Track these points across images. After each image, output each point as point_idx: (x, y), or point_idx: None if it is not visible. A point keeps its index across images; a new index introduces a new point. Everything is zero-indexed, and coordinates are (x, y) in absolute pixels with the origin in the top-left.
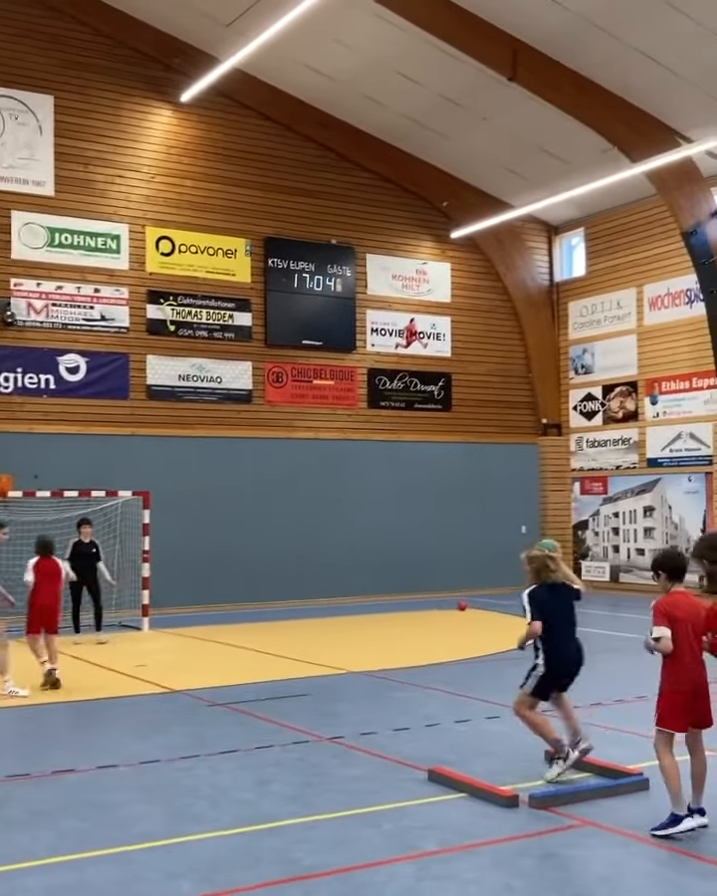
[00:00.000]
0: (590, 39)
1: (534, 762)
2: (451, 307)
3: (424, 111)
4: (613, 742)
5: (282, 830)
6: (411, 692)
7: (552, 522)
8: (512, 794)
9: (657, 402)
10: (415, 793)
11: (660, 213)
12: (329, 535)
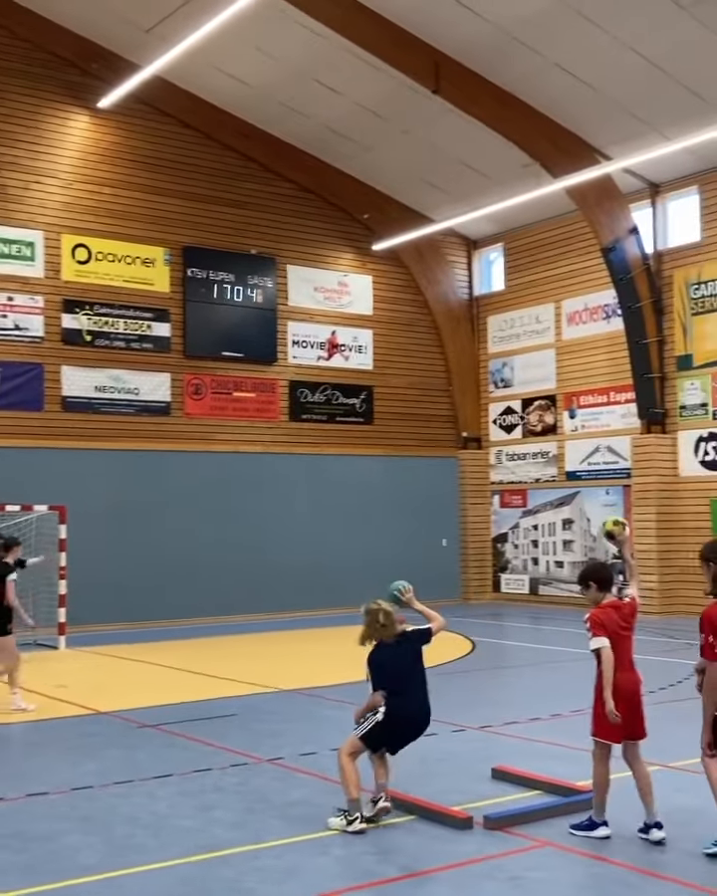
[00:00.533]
0: (512, 53)
1: (482, 780)
2: (373, 319)
3: (346, 121)
4: (558, 758)
5: (232, 859)
6: (346, 710)
7: (471, 535)
8: (466, 816)
9: (576, 416)
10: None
11: (579, 229)
12: (250, 550)
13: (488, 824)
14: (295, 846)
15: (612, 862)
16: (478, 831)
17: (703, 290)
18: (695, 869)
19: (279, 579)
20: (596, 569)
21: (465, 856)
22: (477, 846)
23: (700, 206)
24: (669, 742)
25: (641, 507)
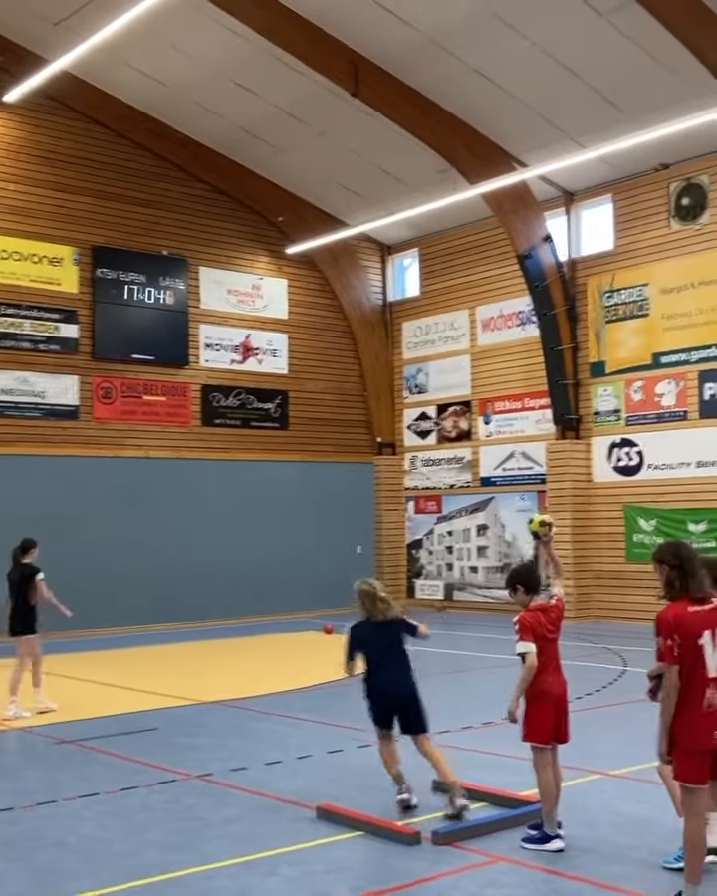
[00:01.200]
0: (432, 57)
1: (423, 793)
2: (288, 323)
3: (262, 123)
4: (497, 767)
5: (176, 882)
6: (273, 722)
7: (386, 541)
8: (414, 832)
9: (490, 422)
10: (307, 834)
11: (494, 236)
12: (162, 557)
13: (437, 840)
14: (241, 868)
15: (570, 877)
16: (427, 847)
17: (616, 298)
18: (656, 882)
19: (194, 589)
20: (523, 573)
21: (418, 874)
22: (428, 864)
23: (613, 215)
24: (605, 749)
25: (556, 512)
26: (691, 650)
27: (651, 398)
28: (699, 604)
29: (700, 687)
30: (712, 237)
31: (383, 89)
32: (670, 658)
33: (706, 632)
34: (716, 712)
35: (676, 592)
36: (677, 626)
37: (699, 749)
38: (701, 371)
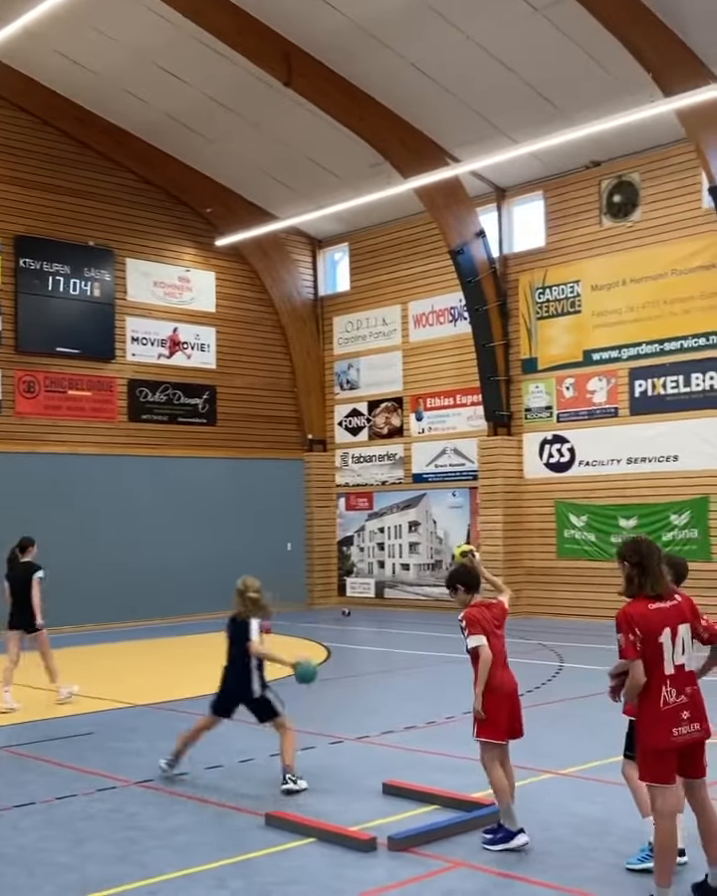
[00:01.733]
0: (366, 49)
1: (374, 796)
2: (216, 317)
3: (191, 112)
4: (445, 768)
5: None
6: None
7: (317, 538)
8: (370, 837)
9: (422, 418)
10: (257, 842)
11: (426, 231)
12: (88, 556)
13: (393, 845)
14: (189, 880)
15: (534, 882)
16: (383, 853)
17: (548, 294)
18: (620, 885)
19: (121, 588)
20: (462, 572)
21: (377, 883)
22: (387, 871)
23: (544, 212)
24: (551, 747)
25: (488, 508)
26: (651, 646)
27: (582, 395)
28: (659, 601)
29: (659, 684)
30: (643, 235)
31: (317, 80)
32: (632, 653)
33: (666, 629)
34: (674, 708)
35: (635, 589)
36: (638, 622)
37: (660, 748)
38: (631, 368)
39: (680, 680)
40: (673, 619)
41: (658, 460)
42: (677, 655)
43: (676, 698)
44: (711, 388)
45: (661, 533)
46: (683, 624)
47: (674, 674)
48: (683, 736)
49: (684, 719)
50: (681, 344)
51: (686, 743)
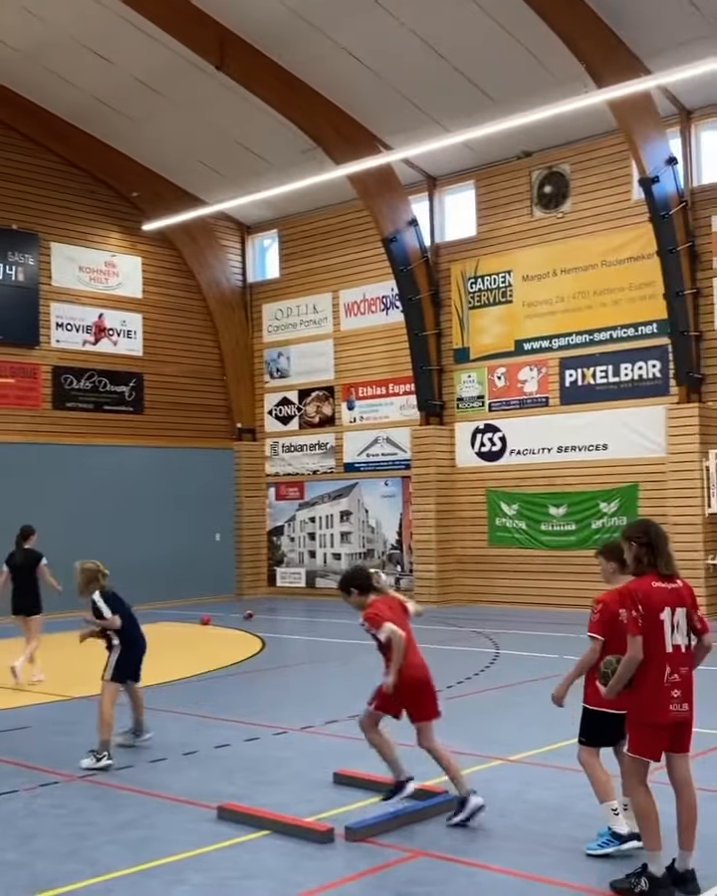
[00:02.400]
0: (299, 34)
1: (325, 786)
2: (143, 303)
3: (119, 94)
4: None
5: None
6: (152, 716)
7: (246, 528)
8: (327, 829)
9: (354, 407)
10: (211, 836)
11: (358, 218)
12: (6, 548)
13: (350, 836)
14: (144, 876)
15: (497, 870)
16: (341, 844)
17: (479, 284)
18: (582, 870)
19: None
20: (355, 575)
21: (337, 874)
22: (346, 862)
23: (476, 201)
24: (498, 734)
25: (420, 497)
26: (653, 624)
27: (514, 384)
28: (664, 581)
29: (659, 661)
30: (573, 225)
31: (249, 64)
32: (634, 629)
33: (667, 608)
34: (673, 685)
35: (644, 567)
36: (642, 599)
37: (657, 722)
38: (562, 358)
39: (677, 659)
40: (673, 601)
41: (588, 449)
42: (676, 635)
43: (673, 676)
44: (640, 378)
45: (591, 521)
46: (681, 608)
47: (672, 653)
48: (677, 712)
49: (675, 697)
50: (611, 335)
51: (676, 720)
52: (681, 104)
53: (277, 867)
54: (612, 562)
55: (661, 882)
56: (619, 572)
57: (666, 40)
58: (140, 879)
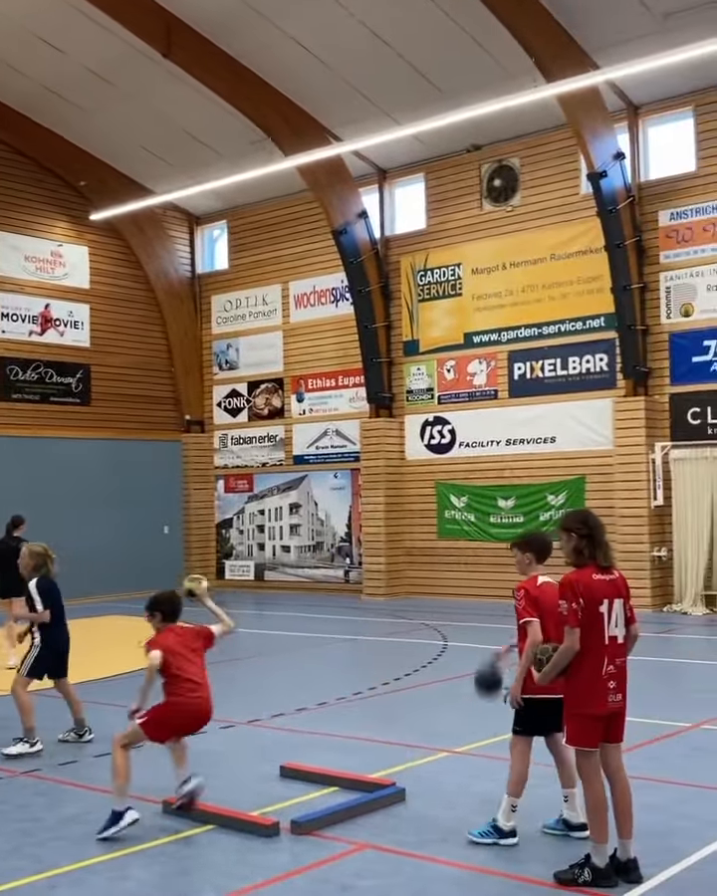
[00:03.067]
0: (248, 23)
1: (271, 780)
2: (90, 293)
3: (67, 82)
4: (339, 749)
5: (14, 893)
6: (95, 711)
7: (195, 521)
8: (273, 822)
9: (304, 399)
10: (156, 831)
11: (308, 210)
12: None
13: (296, 829)
14: (90, 872)
15: (441, 861)
16: (287, 838)
17: (429, 277)
18: (528, 862)
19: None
20: (164, 600)
21: (283, 868)
22: (292, 856)
23: (425, 194)
24: (444, 726)
25: (369, 490)
26: (592, 615)
27: (463, 377)
28: (603, 573)
29: (598, 652)
30: (522, 219)
31: (198, 52)
32: (574, 621)
33: (605, 600)
34: (611, 676)
35: (584, 559)
36: (582, 591)
37: (595, 713)
38: (511, 351)
39: (613, 651)
40: (612, 592)
41: (536, 441)
42: (612, 626)
43: (610, 667)
44: (588, 371)
45: (539, 513)
46: (619, 599)
47: (609, 644)
48: (613, 703)
49: (612, 688)
50: (559, 328)
51: (613, 711)
52: (629, 99)
53: (222, 862)
54: (528, 553)
55: (604, 873)
56: (535, 563)
57: (615, 35)
58: (84, 875)
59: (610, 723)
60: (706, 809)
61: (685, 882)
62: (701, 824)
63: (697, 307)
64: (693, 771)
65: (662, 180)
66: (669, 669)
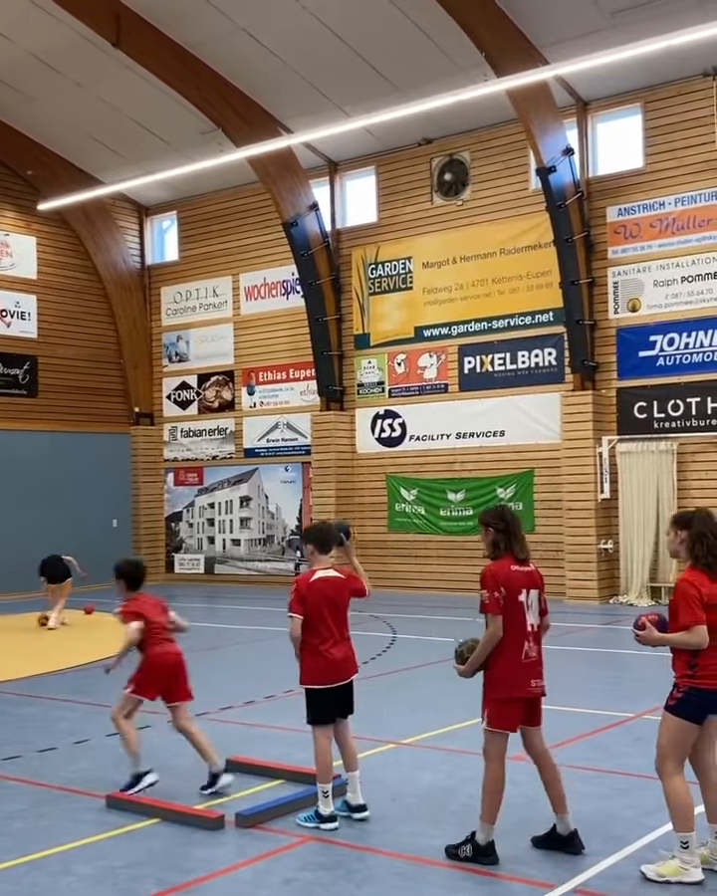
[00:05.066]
0: (198, 13)
1: None
2: (37, 284)
3: (12, 69)
4: (287, 742)
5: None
6: (40, 706)
7: (144, 514)
8: (219, 815)
9: (255, 392)
10: (100, 825)
11: (258, 202)
12: None
13: (241, 822)
14: (30, 867)
15: (386, 853)
16: (231, 831)
17: (380, 270)
18: None
19: None
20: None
21: (227, 861)
22: (237, 849)
23: (376, 187)
24: (391, 718)
25: (320, 483)
26: (513, 604)
27: (414, 371)
28: (520, 564)
29: (519, 639)
30: (472, 213)
31: (147, 42)
32: (495, 608)
33: (524, 590)
34: (531, 662)
35: (501, 552)
36: (502, 581)
37: (515, 696)
38: (461, 345)
39: (532, 638)
40: (528, 583)
41: (486, 435)
42: (530, 615)
43: (530, 654)
44: (537, 366)
45: (488, 505)
46: (534, 590)
47: (529, 632)
48: (534, 688)
49: (533, 673)
50: (508, 322)
51: (533, 695)
52: (578, 95)
53: (166, 855)
54: (309, 545)
55: (484, 850)
56: (318, 553)
57: (564, 31)
58: (27, 871)
59: (530, 707)
60: (646, 798)
61: (625, 870)
62: (641, 813)
63: (644, 302)
64: (635, 760)
65: (610, 176)
66: (614, 660)
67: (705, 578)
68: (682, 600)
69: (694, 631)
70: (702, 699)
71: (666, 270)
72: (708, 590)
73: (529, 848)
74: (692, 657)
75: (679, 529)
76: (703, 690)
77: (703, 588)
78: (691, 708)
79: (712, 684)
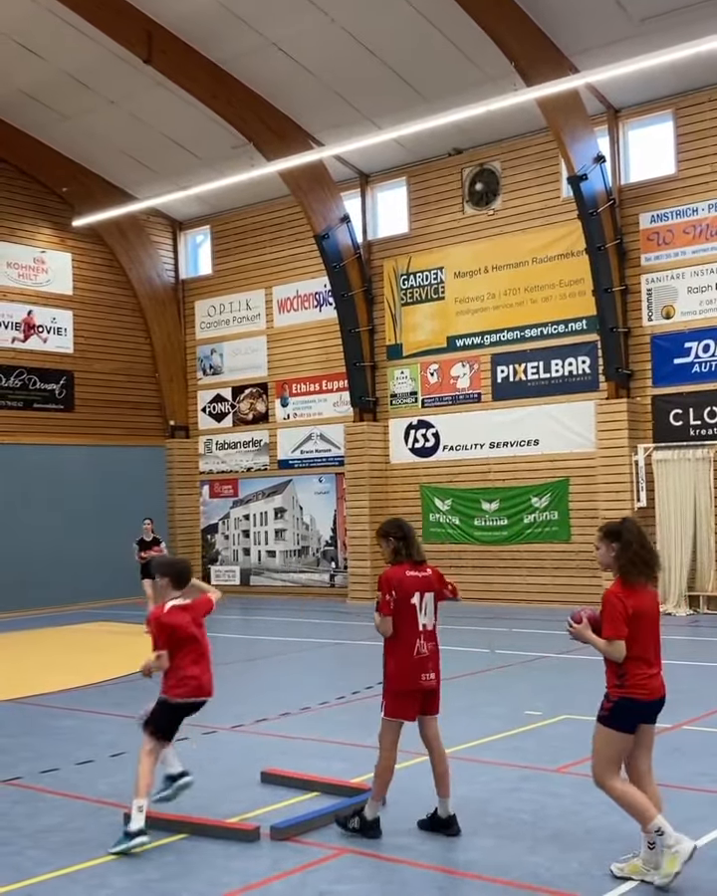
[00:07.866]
0: (229, 29)
1: (252, 786)
2: (73, 300)
3: (48, 88)
4: (321, 755)
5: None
6: (79, 719)
7: (180, 526)
8: (254, 828)
9: (288, 404)
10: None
11: (290, 215)
12: None
13: (276, 835)
14: (67, 881)
15: (418, 865)
16: (266, 844)
17: (412, 281)
18: (507, 865)
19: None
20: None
21: (263, 874)
22: (272, 861)
23: (408, 198)
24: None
25: (354, 494)
26: (405, 606)
27: (447, 380)
28: (416, 569)
29: (411, 637)
30: (503, 223)
31: (179, 58)
32: (386, 610)
33: (417, 593)
34: (423, 658)
35: (402, 558)
36: (395, 585)
37: (408, 689)
38: (494, 354)
39: (425, 637)
40: (422, 587)
41: (520, 444)
42: (423, 616)
43: (422, 651)
44: (570, 374)
45: (523, 515)
46: (429, 592)
47: (421, 631)
48: (426, 681)
49: (425, 668)
50: (541, 331)
51: (426, 688)
52: (609, 102)
53: (202, 868)
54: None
55: (370, 825)
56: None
57: (593, 39)
58: (63, 883)
59: (426, 698)
60: (675, 811)
61: None
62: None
63: (678, 308)
64: (668, 772)
65: (642, 183)
66: None
67: (630, 590)
68: (608, 614)
69: (614, 646)
70: (632, 708)
71: (700, 276)
72: (634, 602)
73: (561, 860)
74: (619, 667)
75: (611, 541)
76: (633, 700)
77: (628, 601)
78: (622, 718)
79: (641, 694)
